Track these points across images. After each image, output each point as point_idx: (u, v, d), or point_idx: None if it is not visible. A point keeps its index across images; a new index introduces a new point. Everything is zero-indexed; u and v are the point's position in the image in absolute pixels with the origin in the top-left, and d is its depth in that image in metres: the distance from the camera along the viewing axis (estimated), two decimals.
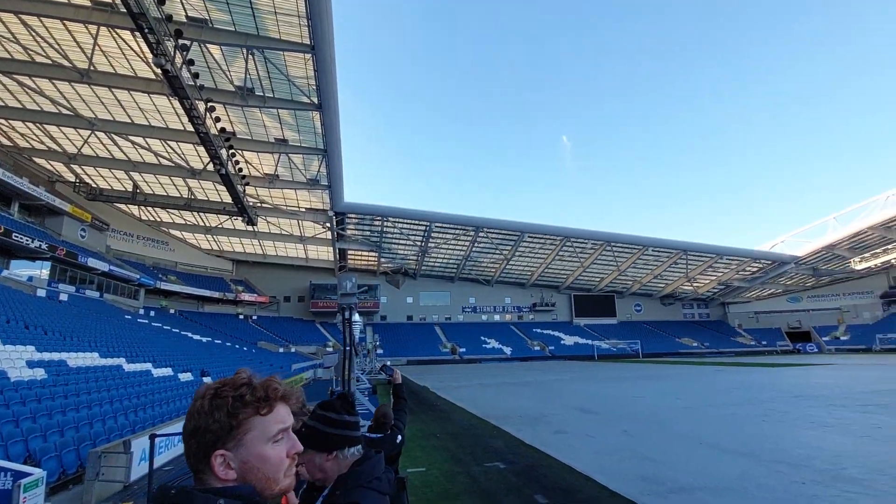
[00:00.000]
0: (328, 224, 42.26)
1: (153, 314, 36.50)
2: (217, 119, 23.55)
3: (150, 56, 17.97)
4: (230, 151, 26.06)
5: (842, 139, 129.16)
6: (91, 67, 23.17)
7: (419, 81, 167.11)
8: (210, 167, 27.83)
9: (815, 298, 61.00)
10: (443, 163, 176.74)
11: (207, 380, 16.14)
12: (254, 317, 50.99)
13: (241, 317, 49.72)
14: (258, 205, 37.22)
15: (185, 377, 18.33)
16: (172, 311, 41.77)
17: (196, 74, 20.18)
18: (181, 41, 18.44)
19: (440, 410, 15.78)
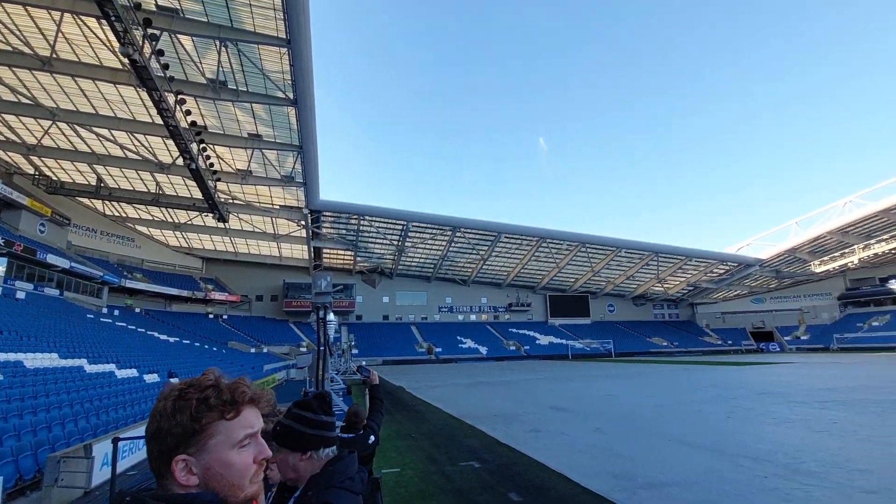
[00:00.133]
0: (303, 222, 41.62)
1: (117, 313, 35.15)
2: (188, 112, 22.86)
3: (117, 45, 17.29)
4: (201, 146, 25.33)
5: (809, 144, 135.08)
6: (53, 55, 22.16)
7: (396, 80, 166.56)
8: (180, 161, 26.89)
9: (778, 300, 63.67)
10: (420, 163, 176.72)
11: (175, 381, 15.65)
12: (224, 316, 49.75)
13: (212, 316, 48.43)
14: (230, 201, 36.34)
15: (152, 378, 17.69)
16: (138, 311, 40.34)
17: (166, 65, 19.47)
18: (150, 31, 17.80)
19: (415, 410, 15.72)
